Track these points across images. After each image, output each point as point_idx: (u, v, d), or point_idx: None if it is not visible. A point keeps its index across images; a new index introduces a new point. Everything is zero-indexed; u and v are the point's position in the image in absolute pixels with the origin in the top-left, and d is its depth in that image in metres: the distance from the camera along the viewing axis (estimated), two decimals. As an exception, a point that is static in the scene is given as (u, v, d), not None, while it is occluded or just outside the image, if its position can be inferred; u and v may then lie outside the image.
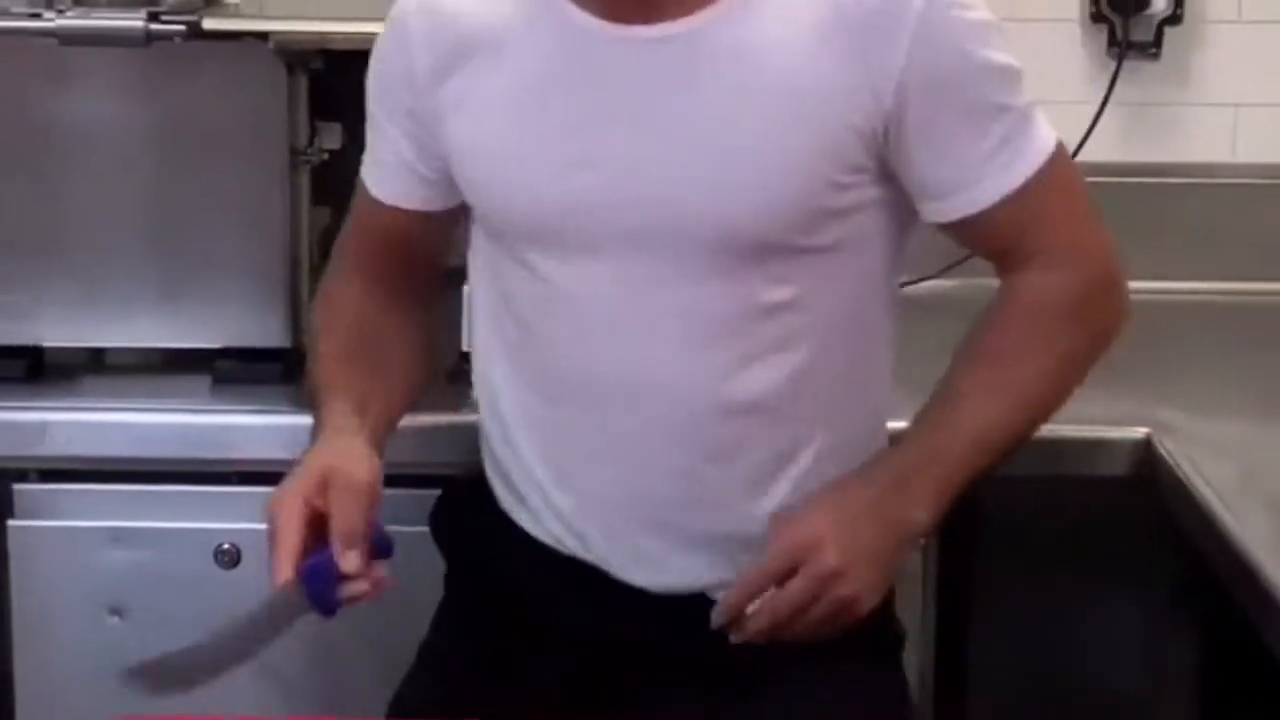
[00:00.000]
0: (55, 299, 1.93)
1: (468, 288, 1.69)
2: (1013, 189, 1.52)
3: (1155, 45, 2.38)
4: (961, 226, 1.54)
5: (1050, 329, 1.56)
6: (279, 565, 1.45)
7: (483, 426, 1.66)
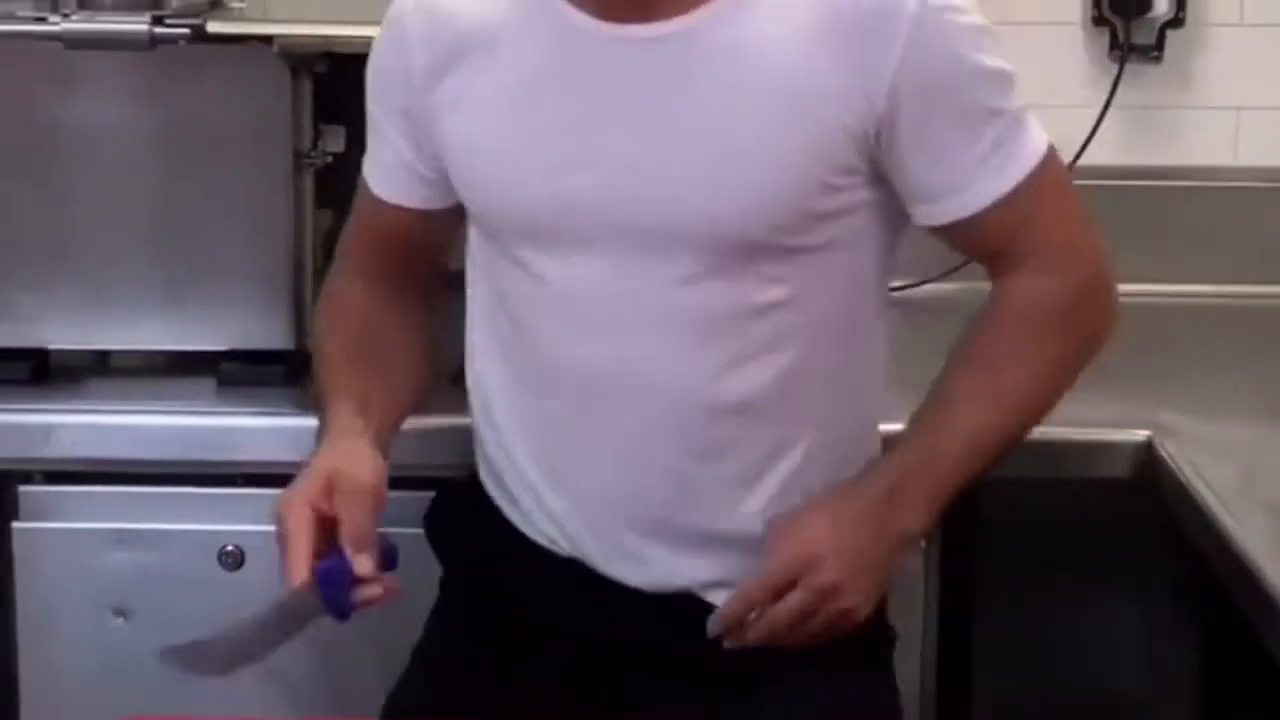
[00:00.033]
0: (60, 302, 1.93)
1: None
2: (1004, 192, 1.52)
3: (1157, 48, 2.38)
4: (953, 229, 1.54)
5: (1041, 333, 1.57)
6: (294, 568, 1.46)
7: (476, 427, 1.66)
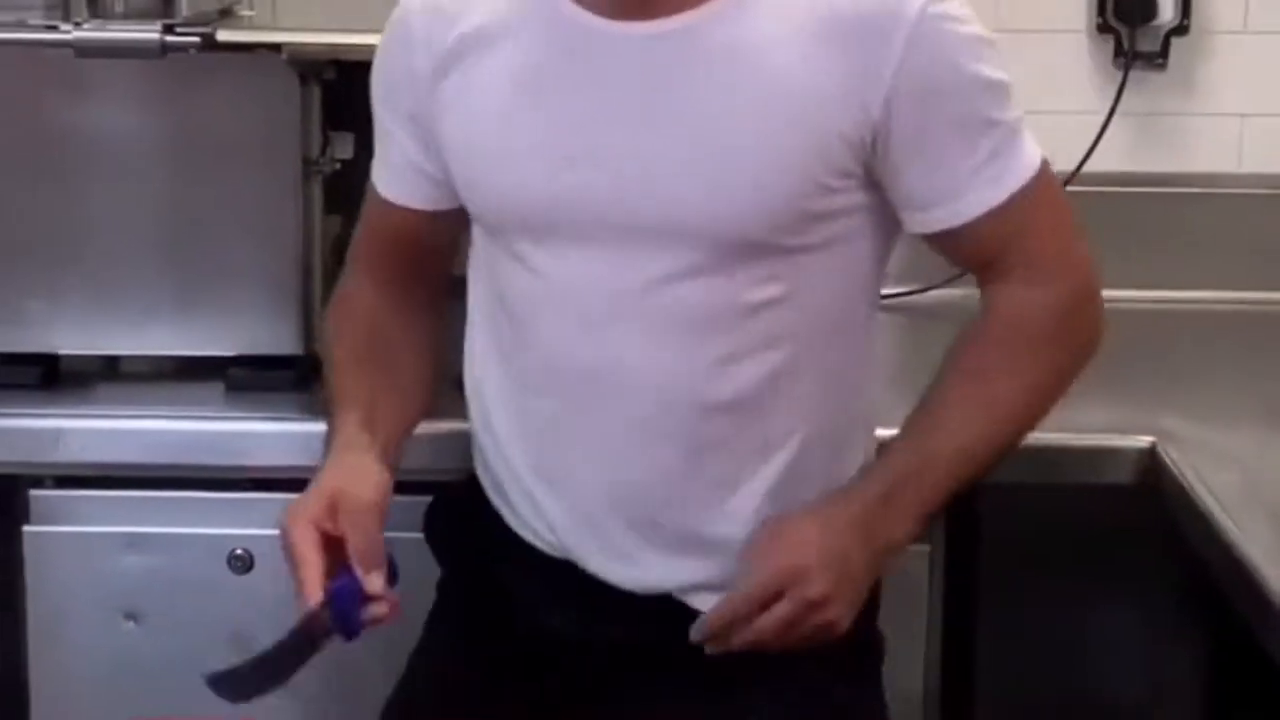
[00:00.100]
0: (70, 307, 1.93)
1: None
2: (998, 203, 1.52)
3: (1162, 55, 2.38)
4: (945, 238, 1.55)
5: (1034, 344, 1.57)
6: (308, 588, 1.47)
7: (474, 430, 1.66)
